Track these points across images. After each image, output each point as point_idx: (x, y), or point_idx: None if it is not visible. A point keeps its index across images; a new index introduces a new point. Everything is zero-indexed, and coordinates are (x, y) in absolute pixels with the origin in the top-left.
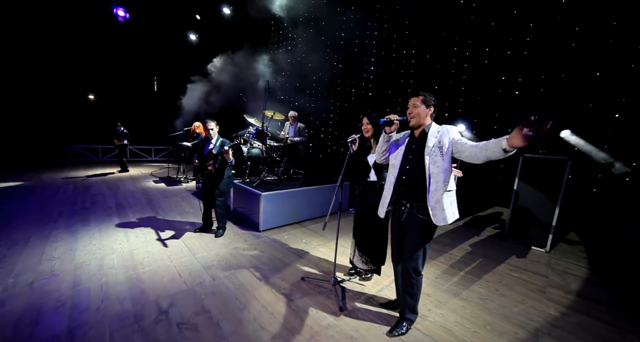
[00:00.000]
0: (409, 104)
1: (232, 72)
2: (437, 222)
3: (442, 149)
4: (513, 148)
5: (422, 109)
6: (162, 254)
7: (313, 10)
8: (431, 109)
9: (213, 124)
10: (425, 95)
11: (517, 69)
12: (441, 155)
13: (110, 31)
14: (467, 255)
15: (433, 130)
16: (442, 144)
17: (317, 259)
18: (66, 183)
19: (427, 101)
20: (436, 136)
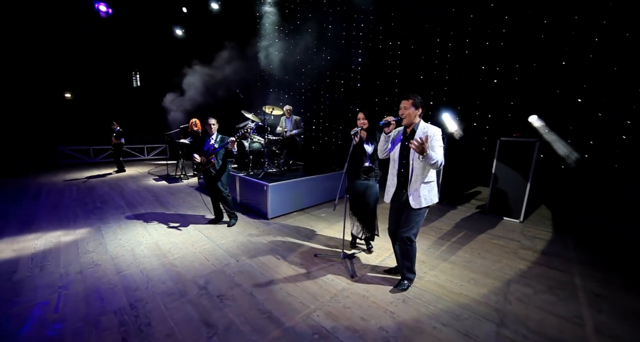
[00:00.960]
0: (401, 106)
1: (224, 68)
2: (413, 205)
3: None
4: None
5: (411, 110)
6: (185, 243)
7: (302, 4)
8: (419, 109)
9: (214, 120)
10: (414, 98)
11: (495, 59)
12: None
13: (93, 27)
14: (453, 228)
15: (420, 130)
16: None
17: (325, 239)
18: (68, 186)
19: (416, 103)
20: (422, 135)
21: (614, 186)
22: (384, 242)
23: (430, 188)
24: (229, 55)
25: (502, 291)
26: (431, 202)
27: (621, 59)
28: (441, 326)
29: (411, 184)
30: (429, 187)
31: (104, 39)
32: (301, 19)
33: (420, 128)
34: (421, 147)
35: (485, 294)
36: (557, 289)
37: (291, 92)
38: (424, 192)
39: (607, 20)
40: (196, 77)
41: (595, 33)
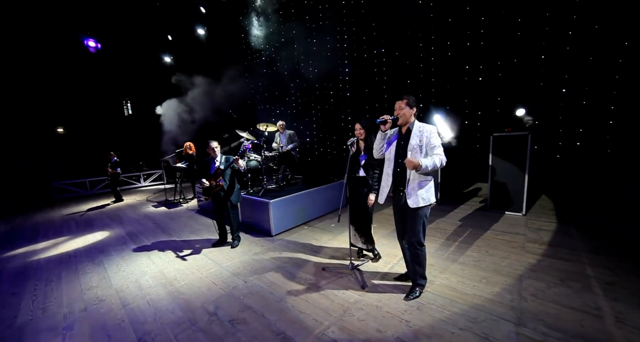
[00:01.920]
0: (395, 106)
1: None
2: (411, 205)
3: (421, 148)
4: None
5: (406, 110)
6: (190, 268)
7: (285, 22)
8: (414, 109)
9: (216, 143)
10: (408, 98)
11: (477, 58)
12: (420, 152)
13: (82, 62)
14: (458, 228)
15: (415, 129)
16: (421, 143)
17: (331, 251)
18: (66, 221)
19: (410, 103)
20: (418, 135)
21: (613, 185)
22: (390, 248)
23: (428, 187)
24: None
25: (515, 287)
26: (429, 202)
27: (602, 51)
28: (459, 331)
29: (408, 184)
30: (426, 186)
31: (93, 71)
32: (286, 35)
33: (415, 127)
34: (412, 162)
35: (498, 293)
36: (570, 281)
37: (282, 107)
38: (421, 192)
39: (584, 13)
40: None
41: (569, 26)
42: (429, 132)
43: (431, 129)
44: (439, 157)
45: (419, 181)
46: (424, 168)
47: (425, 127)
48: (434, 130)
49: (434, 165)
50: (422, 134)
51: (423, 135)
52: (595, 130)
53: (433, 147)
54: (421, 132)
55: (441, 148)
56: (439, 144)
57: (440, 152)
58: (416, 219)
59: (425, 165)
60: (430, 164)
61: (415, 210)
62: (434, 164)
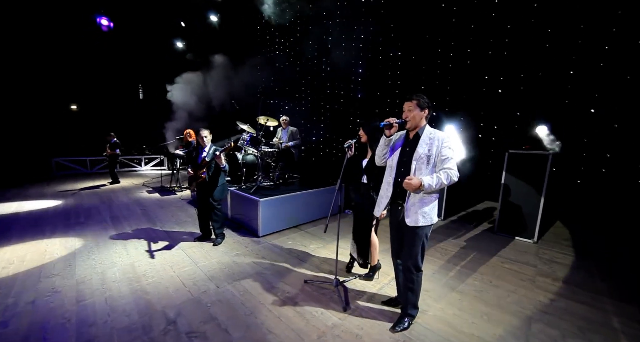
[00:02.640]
0: (404, 107)
1: (222, 78)
2: (409, 222)
3: (429, 158)
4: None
5: (416, 112)
6: (164, 264)
7: (300, 16)
8: (425, 111)
9: (207, 132)
10: (419, 98)
11: (498, 68)
12: (427, 164)
13: (94, 40)
14: (461, 250)
15: (425, 135)
16: (430, 152)
17: (318, 261)
18: (57, 197)
19: (421, 104)
20: (427, 143)
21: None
22: (383, 265)
23: (432, 205)
24: (227, 66)
25: (521, 331)
26: (431, 221)
27: (636, 66)
28: None
29: (409, 198)
30: (429, 203)
31: (108, 52)
32: (301, 30)
33: (425, 133)
34: (412, 184)
35: (501, 336)
36: (591, 332)
37: (291, 104)
38: (422, 209)
39: (616, 28)
40: (193, 88)
41: (605, 41)
42: (440, 141)
43: (444, 137)
44: (449, 173)
45: (422, 196)
46: (427, 188)
47: (438, 134)
48: (448, 139)
49: (440, 184)
50: (432, 142)
51: (433, 144)
52: (626, 158)
53: (444, 160)
54: (431, 140)
55: (454, 161)
56: (451, 156)
57: (452, 167)
58: (414, 239)
59: (428, 185)
60: (435, 183)
61: (413, 229)
62: (440, 182)
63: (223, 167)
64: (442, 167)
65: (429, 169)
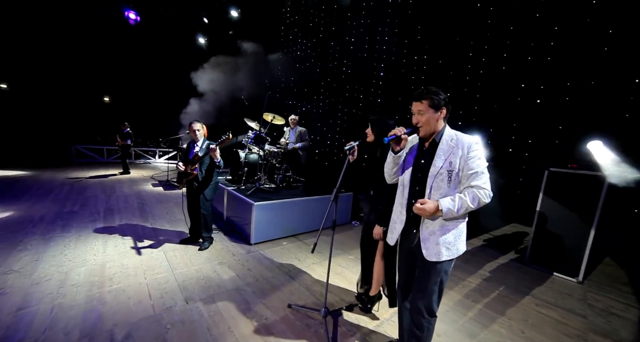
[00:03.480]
0: (413, 109)
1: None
2: (428, 256)
3: (450, 173)
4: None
5: (429, 114)
6: (137, 268)
7: (322, 15)
8: (442, 111)
9: (199, 125)
10: (431, 96)
11: (538, 76)
12: (448, 181)
13: (122, 33)
14: (484, 283)
15: (445, 142)
16: (452, 165)
17: (310, 280)
18: (64, 184)
19: (434, 103)
20: (447, 152)
21: None
22: None
23: (458, 232)
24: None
25: None
26: (456, 254)
27: None
28: None
29: (425, 224)
30: (454, 230)
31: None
32: (324, 30)
33: (445, 139)
34: (425, 210)
35: None
36: None
37: (308, 105)
38: (446, 238)
39: None
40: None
41: None
42: (466, 149)
43: (471, 142)
44: (477, 193)
45: (443, 223)
46: (446, 214)
47: (462, 139)
48: (476, 146)
49: (465, 208)
50: (454, 150)
51: (456, 153)
52: None
53: (471, 175)
54: (453, 148)
55: (485, 177)
56: (481, 169)
57: (482, 184)
58: (431, 276)
59: (447, 209)
60: (458, 207)
61: (433, 263)
62: (464, 205)
63: (218, 161)
64: (469, 185)
65: (452, 188)
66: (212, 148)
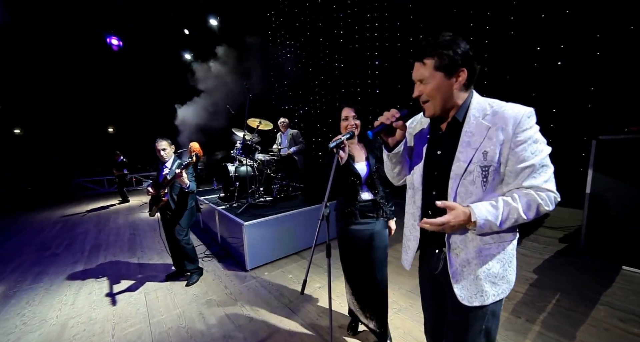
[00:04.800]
0: (414, 75)
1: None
2: (464, 299)
3: (486, 170)
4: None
5: (438, 82)
6: (105, 322)
7: (307, 12)
8: (460, 74)
9: (164, 143)
10: (440, 52)
11: (556, 35)
12: (483, 182)
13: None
14: (531, 289)
15: (473, 120)
16: (488, 158)
17: (315, 312)
18: (57, 222)
19: (445, 64)
20: (477, 137)
21: None
22: (404, 321)
23: (507, 257)
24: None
25: None
26: (508, 290)
27: None
28: None
29: (453, 249)
30: (501, 254)
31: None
32: (311, 27)
33: (473, 113)
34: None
35: None
36: None
37: (306, 107)
38: (490, 268)
39: None
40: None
41: None
42: (512, 127)
43: (519, 116)
44: (537, 198)
45: (480, 244)
46: (483, 228)
47: (504, 111)
48: (530, 121)
49: (517, 219)
50: (489, 133)
51: (495, 138)
52: None
53: (526, 171)
54: (489, 131)
55: (549, 170)
56: (542, 157)
57: (544, 183)
58: (471, 325)
59: (483, 221)
60: (504, 218)
61: (471, 308)
62: (516, 215)
63: (186, 187)
64: (520, 185)
65: (490, 191)
66: (178, 173)
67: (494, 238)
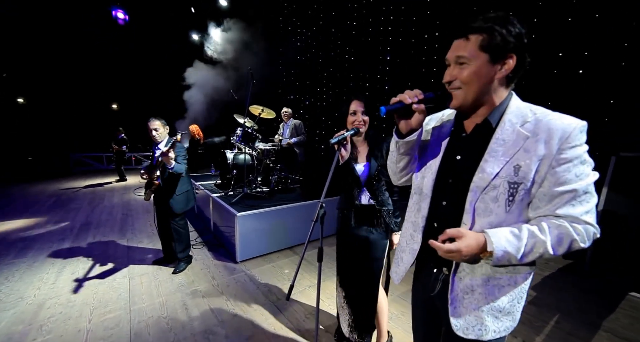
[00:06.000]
0: (449, 56)
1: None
2: (459, 330)
3: (515, 188)
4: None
5: (479, 66)
6: (84, 306)
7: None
8: (508, 61)
9: (157, 123)
10: (491, 28)
11: (581, 40)
12: (508, 201)
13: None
14: (529, 307)
15: (509, 126)
16: (520, 173)
17: (302, 312)
18: (52, 195)
19: (495, 44)
20: (511, 148)
21: None
22: (394, 330)
23: (518, 294)
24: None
25: None
26: (511, 328)
27: None
28: None
29: (458, 271)
30: (513, 290)
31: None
32: (323, 16)
33: (510, 118)
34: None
35: None
36: None
37: (312, 99)
38: (496, 302)
39: None
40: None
41: None
42: (558, 142)
43: (570, 130)
44: (572, 231)
45: (491, 273)
46: (500, 260)
47: (550, 121)
48: (576, 137)
49: (542, 253)
50: (527, 145)
51: (533, 151)
52: None
53: (563, 196)
54: (527, 142)
55: (592, 199)
56: (585, 183)
57: (583, 215)
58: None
59: (502, 253)
60: (526, 251)
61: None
62: (542, 249)
63: (170, 167)
64: (552, 213)
65: (515, 213)
66: (163, 152)
67: (508, 268)
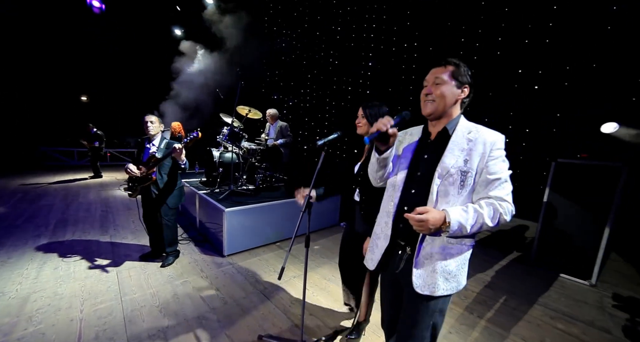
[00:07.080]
0: (428, 78)
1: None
2: (419, 287)
3: (464, 176)
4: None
5: (449, 87)
6: (74, 298)
7: (307, 3)
8: (465, 90)
9: (153, 118)
10: (458, 64)
11: (536, 60)
12: (460, 186)
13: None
14: (486, 290)
15: (460, 134)
16: (468, 165)
17: (289, 300)
18: (16, 191)
19: (460, 75)
20: (463, 147)
21: None
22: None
23: (462, 260)
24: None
25: None
26: (457, 289)
27: None
28: None
29: (424, 244)
30: (459, 256)
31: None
32: (309, 19)
33: (461, 129)
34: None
35: None
36: None
37: (295, 100)
38: (447, 265)
39: None
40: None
41: None
42: (489, 146)
43: (495, 139)
44: (500, 208)
45: (447, 242)
46: (455, 230)
47: (483, 133)
48: (501, 144)
49: (481, 224)
50: (472, 146)
51: (474, 151)
52: None
53: (492, 181)
54: (472, 143)
55: (509, 186)
56: (507, 175)
57: (505, 196)
58: (421, 316)
59: (457, 224)
60: (472, 222)
61: (424, 298)
62: (481, 220)
63: (183, 164)
64: (487, 195)
65: (463, 197)
66: (177, 149)
67: (457, 239)
